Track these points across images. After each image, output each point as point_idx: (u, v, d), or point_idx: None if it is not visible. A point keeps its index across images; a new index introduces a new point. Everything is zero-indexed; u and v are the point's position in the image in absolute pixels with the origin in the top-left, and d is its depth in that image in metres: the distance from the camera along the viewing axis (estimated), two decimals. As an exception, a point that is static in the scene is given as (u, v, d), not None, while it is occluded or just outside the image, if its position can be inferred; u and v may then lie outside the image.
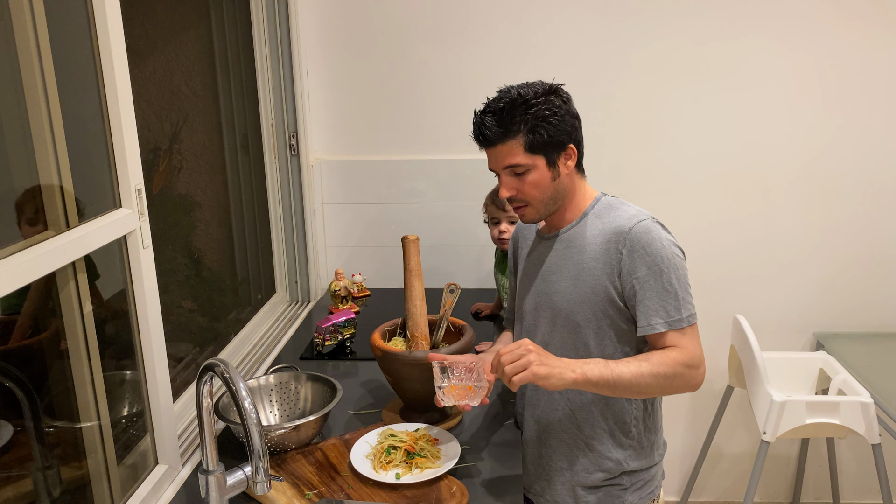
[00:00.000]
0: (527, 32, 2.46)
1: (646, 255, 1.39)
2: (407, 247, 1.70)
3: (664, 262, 1.38)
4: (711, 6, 2.41)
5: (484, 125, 1.42)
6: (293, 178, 2.48)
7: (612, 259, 1.42)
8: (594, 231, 1.46)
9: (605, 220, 1.46)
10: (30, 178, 1.21)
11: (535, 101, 1.39)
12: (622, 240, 1.41)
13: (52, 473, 1.28)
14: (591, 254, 1.45)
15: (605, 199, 1.52)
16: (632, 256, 1.40)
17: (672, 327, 1.39)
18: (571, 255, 1.48)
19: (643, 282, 1.39)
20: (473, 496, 1.41)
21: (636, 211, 1.46)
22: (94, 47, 1.28)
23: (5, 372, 1.20)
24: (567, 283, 1.48)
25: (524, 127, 1.39)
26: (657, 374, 1.37)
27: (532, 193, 1.44)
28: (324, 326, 2.07)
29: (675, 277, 1.39)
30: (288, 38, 2.34)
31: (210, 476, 1.22)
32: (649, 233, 1.40)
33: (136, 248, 1.38)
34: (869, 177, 2.53)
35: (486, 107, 1.44)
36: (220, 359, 1.19)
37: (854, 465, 2.82)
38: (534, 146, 1.40)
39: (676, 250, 1.42)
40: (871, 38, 2.41)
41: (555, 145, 1.41)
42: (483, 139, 1.44)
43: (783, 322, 2.68)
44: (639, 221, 1.41)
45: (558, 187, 1.46)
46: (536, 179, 1.43)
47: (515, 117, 1.39)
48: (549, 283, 1.52)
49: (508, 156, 1.42)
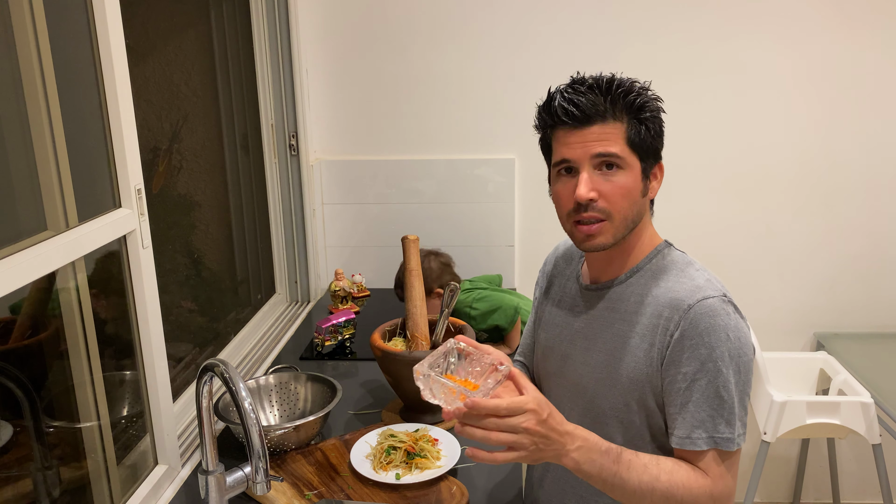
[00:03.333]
0: (527, 32, 2.46)
1: (701, 346, 1.07)
2: (407, 247, 1.70)
3: (724, 360, 1.07)
4: (711, 6, 2.41)
5: (579, 94, 1.11)
6: (293, 178, 2.48)
7: (659, 339, 1.11)
8: (646, 295, 1.15)
9: (663, 283, 1.14)
10: (30, 178, 1.21)
11: (643, 89, 1.13)
12: (676, 318, 1.09)
13: (51, 473, 1.28)
14: (636, 325, 1.14)
15: (670, 254, 1.19)
16: (682, 343, 1.08)
17: (718, 446, 1.07)
18: (612, 320, 1.18)
19: (691, 380, 1.08)
20: (473, 496, 1.40)
21: (705, 281, 1.12)
22: (94, 47, 1.28)
23: (5, 372, 1.20)
24: (599, 358, 1.18)
25: (629, 112, 1.11)
26: (671, 497, 1.06)
27: (619, 203, 1.11)
28: (324, 326, 2.07)
29: (735, 382, 1.08)
30: (288, 38, 2.34)
31: (210, 476, 1.21)
32: (714, 316, 1.07)
33: (136, 248, 1.37)
34: (869, 176, 2.53)
35: (577, 79, 1.15)
36: (220, 359, 1.19)
37: (854, 466, 2.82)
38: (635, 141, 1.11)
39: (745, 346, 1.09)
40: (871, 38, 2.41)
41: (653, 151, 1.14)
42: (574, 113, 1.10)
43: (783, 322, 2.68)
44: (704, 298, 1.09)
45: (641, 209, 1.15)
46: (630, 185, 1.11)
47: (622, 97, 1.11)
48: (579, 350, 1.22)
49: (606, 141, 1.10)
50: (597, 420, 1.18)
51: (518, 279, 2.65)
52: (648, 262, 1.18)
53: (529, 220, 2.60)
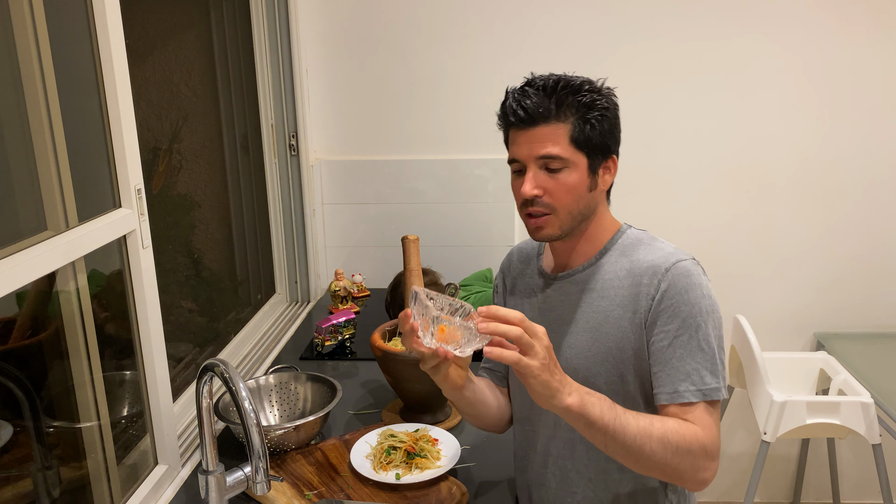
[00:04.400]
0: (527, 32, 2.46)
1: (682, 304, 1.13)
2: (407, 247, 1.70)
3: (703, 315, 1.13)
4: (711, 5, 2.41)
5: (526, 97, 1.16)
6: (293, 178, 2.48)
7: (642, 304, 1.16)
8: (619, 270, 1.20)
9: (634, 257, 1.20)
10: (30, 178, 1.21)
11: (592, 89, 1.17)
12: (656, 282, 1.15)
13: (51, 473, 1.28)
14: (615, 298, 1.19)
15: (632, 233, 1.25)
16: (663, 303, 1.14)
17: (706, 397, 1.11)
18: (590, 300, 1.21)
19: (674, 336, 1.13)
20: (473, 496, 1.40)
21: (674, 249, 1.20)
22: (94, 47, 1.28)
23: (5, 372, 1.20)
24: (584, 337, 1.21)
25: (575, 112, 1.15)
26: (668, 442, 1.06)
27: (563, 199, 1.17)
28: (324, 326, 2.07)
29: (715, 336, 1.14)
30: (288, 38, 2.34)
31: (210, 476, 1.21)
32: (689, 276, 1.14)
33: (136, 248, 1.37)
34: (869, 177, 2.53)
35: (529, 80, 1.20)
36: (220, 359, 1.19)
37: (854, 466, 2.82)
38: (580, 140, 1.16)
39: (717, 304, 1.17)
40: (871, 37, 2.41)
41: (601, 148, 1.18)
42: (521, 115, 1.16)
43: (783, 322, 2.68)
44: (678, 261, 1.16)
45: (590, 203, 1.20)
46: (573, 182, 1.16)
47: (568, 98, 1.15)
48: (559, 334, 1.23)
49: (549, 142, 1.15)
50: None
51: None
52: (615, 242, 1.24)
53: (529, 220, 2.60)
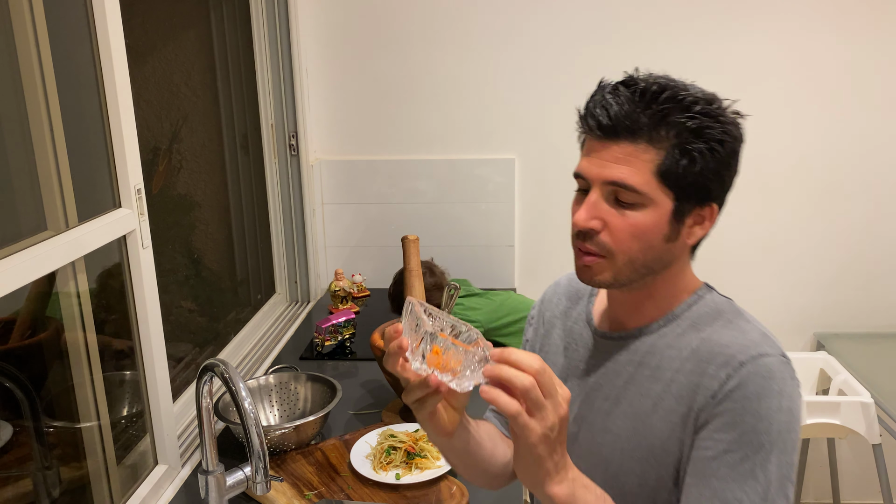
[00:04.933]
0: (527, 32, 2.46)
1: (748, 413, 0.85)
2: (407, 247, 1.70)
3: (771, 434, 0.85)
4: (711, 5, 2.41)
5: (616, 100, 0.89)
6: (293, 178, 2.48)
7: (700, 399, 0.89)
8: (684, 348, 0.93)
9: (707, 335, 0.93)
10: (30, 178, 1.21)
11: (707, 111, 0.89)
12: (724, 375, 0.88)
13: (51, 474, 1.28)
14: (672, 384, 0.92)
15: (712, 300, 0.98)
16: (726, 404, 0.86)
17: None
18: (641, 378, 0.96)
19: (725, 450, 0.86)
20: (473, 496, 1.40)
21: (760, 335, 0.91)
22: (94, 47, 1.28)
23: (5, 372, 1.20)
24: (625, 424, 0.95)
25: (675, 136, 0.88)
26: None
27: (626, 243, 0.90)
28: (324, 326, 2.07)
29: (778, 464, 0.85)
30: (288, 38, 2.34)
31: (210, 476, 1.21)
32: (769, 379, 0.86)
33: (136, 248, 1.37)
34: (870, 177, 2.53)
35: (627, 79, 0.93)
36: (220, 359, 1.19)
37: (854, 466, 2.82)
38: (670, 174, 0.88)
39: (797, 422, 0.87)
40: (872, 37, 2.40)
41: (698, 191, 0.90)
42: (602, 121, 0.89)
43: (783, 322, 2.68)
44: (762, 355, 0.88)
45: (664, 255, 0.93)
46: (645, 225, 0.89)
47: (670, 115, 0.87)
48: (597, 412, 0.99)
49: (625, 165, 0.88)
50: (622, 498, 0.93)
51: (518, 279, 2.64)
52: (687, 308, 0.97)
53: (529, 220, 2.60)
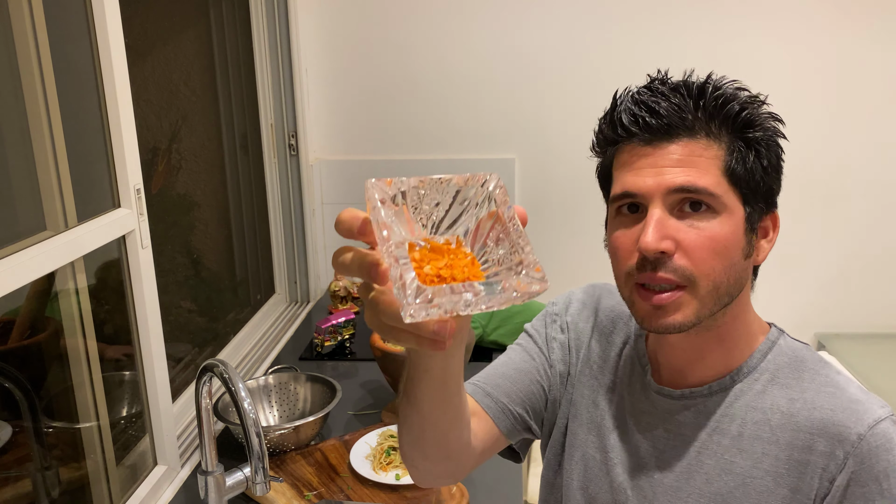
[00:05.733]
0: (527, 32, 2.46)
1: (879, 496, 0.72)
2: (407, 247, 1.69)
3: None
4: (712, 4, 2.41)
5: (657, 98, 0.77)
6: (292, 178, 2.47)
7: (812, 482, 0.75)
8: (772, 410, 0.78)
9: (795, 392, 0.79)
10: (29, 178, 1.21)
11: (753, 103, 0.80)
12: (841, 454, 0.74)
13: (51, 474, 1.28)
14: (764, 458, 0.77)
15: (788, 345, 0.84)
16: (855, 489, 0.73)
17: None
18: (719, 448, 0.80)
19: None
20: (473, 496, 1.40)
21: (859, 390, 0.78)
22: (94, 47, 1.28)
23: (5, 372, 1.20)
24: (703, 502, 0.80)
25: (734, 130, 0.77)
26: None
27: (708, 262, 0.74)
28: (323, 327, 2.07)
29: None
30: (288, 38, 2.34)
31: (209, 477, 1.21)
32: (892, 451, 0.73)
33: (135, 248, 1.37)
34: (870, 176, 2.53)
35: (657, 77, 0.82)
36: (220, 359, 1.19)
37: (854, 466, 2.82)
38: (738, 173, 0.76)
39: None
40: (872, 35, 2.40)
41: (766, 193, 0.79)
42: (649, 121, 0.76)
43: (784, 322, 2.63)
44: (876, 422, 0.74)
45: (741, 277, 0.78)
46: (725, 238, 0.75)
47: (724, 108, 0.76)
48: (663, 488, 0.82)
49: (690, 167, 0.74)
50: None
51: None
52: (762, 358, 0.81)
53: (529, 220, 2.59)
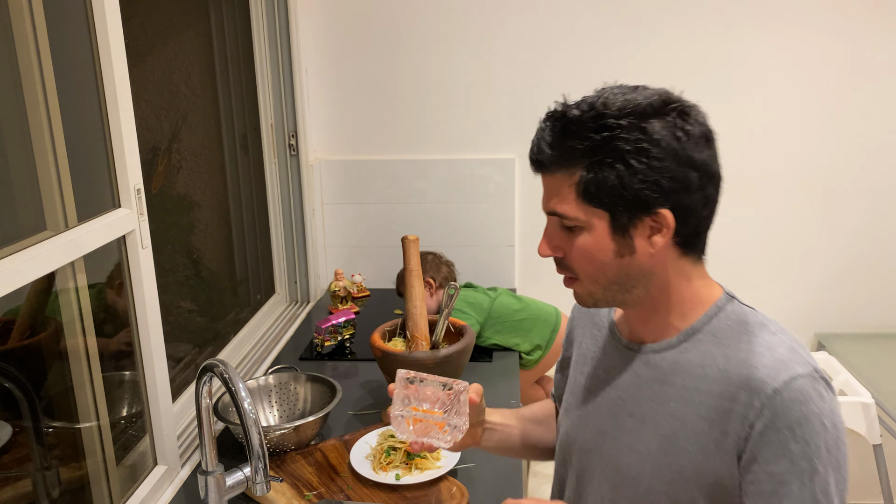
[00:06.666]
0: (527, 32, 2.46)
1: (792, 440, 0.85)
2: (407, 247, 1.70)
3: (821, 456, 0.84)
4: (712, 5, 2.41)
5: (539, 138, 0.92)
6: (293, 177, 2.47)
7: (735, 428, 0.88)
8: (710, 367, 0.92)
9: (732, 352, 0.91)
10: (29, 178, 1.21)
11: (616, 122, 0.86)
12: (757, 404, 0.86)
13: (51, 474, 1.28)
14: (701, 406, 0.91)
15: (734, 311, 0.95)
16: (768, 436, 0.86)
17: None
18: (666, 397, 0.95)
19: (779, 482, 0.85)
20: (473, 496, 1.40)
21: (788, 352, 0.90)
22: (94, 47, 1.28)
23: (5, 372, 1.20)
24: (653, 445, 0.95)
25: (584, 159, 0.88)
26: None
27: (581, 265, 0.93)
28: (323, 327, 2.07)
29: (835, 482, 0.85)
30: (288, 38, 2.34)
31: (209, 477, 1.21)
32: (806, 403, 0.85)
33: (136, 248, 1.37)
34: (870, 176, 2.53)
35: (554, 110, 0.92)
36: (220, 359, 1.19)
37: (855, 466, 2.80)
38: (591, 193, 0.89)
39: (843, 434, 0.87)
40: (872, 36, 2.40)
41: (629, 202, 0.88)
42: (531, 157, 0.94)
43: (784, 322, 2.61)
44: (792, 378, 0.86)
45: (629, 269, 0.92)
46: (588, 246, 0.91)
47: (576, 138, 0.88)
48: (621, 427, 0.98)
49: (555, 196, 0.92)
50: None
51: (518, 279, 2.64)
52: (707, 322, 0.94)
53: (529, 220, 2.60)
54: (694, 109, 0.93)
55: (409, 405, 0.97)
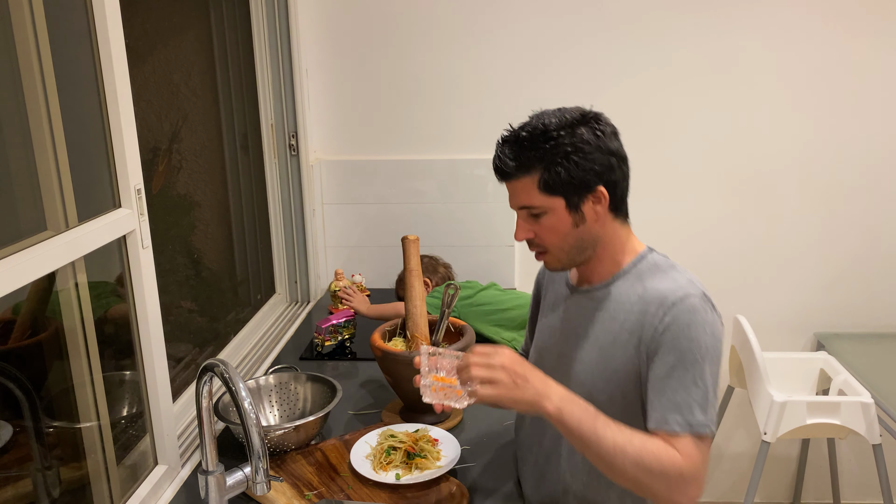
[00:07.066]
0: (527, 32, 2.46)
1: (683, 339, 1.16)
2: (407, 247, 1.70)
3: (702, 352, 1.16)
4: (713, 6, 2.41)
5: (501, 156, 1.26)
6: (293, 178, 2.48)
7: (647, 332, 1.20)
8: (632, 295, 1.25)
9: (648, 283, 1.24)
10: (29, 178, 1.21)
11: (557, 134, 1.20)
12: (661, 313, 1.19)
13: (51, 474, 1.28)
14: (625, 322, 1.24)
15: (652, 258, 1.29)
16: (666, 335, 1.18)
17: (693, 430, 1.14)
18: (602, 318, 1.28)
19: (670, 367, 1.17)
20: (473, 496, 1.40)
21: (687, 281, 1.22)
22: (94, 47, 1.28)
23: (5, 372, 1.20)
24: (592, 353, 1.28)
25: (540, 163, 1.21)
26: (641, 463, 1.12)
27: (549, 239, 1.27)
28: (323, 327, 2.07)
29: (710, 373, 1.17)
30: (288, 38, 2.34)
31: (210, 476, 1.21)
32: (694, 313, 1.17)
33: (136, 249, 1.37)
34: (870, 177, 2.53)
35: (507, 135, 1.28)
36: (220, 359, 1.19)
37: (855, 466, 2.82)
38: (550, 185, 1.22)
39: (720, 342, 1.20)
40: (872, 37, 2.41)
41: (577, 186, 1.21)
42: (498, 171, 1.29)
43: (784, 322, 2.68)
44: (687, 296, 1.19)
45: (583, 235, 1.26)
46: (554, 224, 1.24)
47: (531, 150, 1.22)
48: (572, 346, 1.32)
49: (522, 193, 1.25)
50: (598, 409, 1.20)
51: (518, 279, 2.64)
52: (633, 266, 1.29)
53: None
54: (602, 116, 1.25)
55: (431, 374, 1.23)
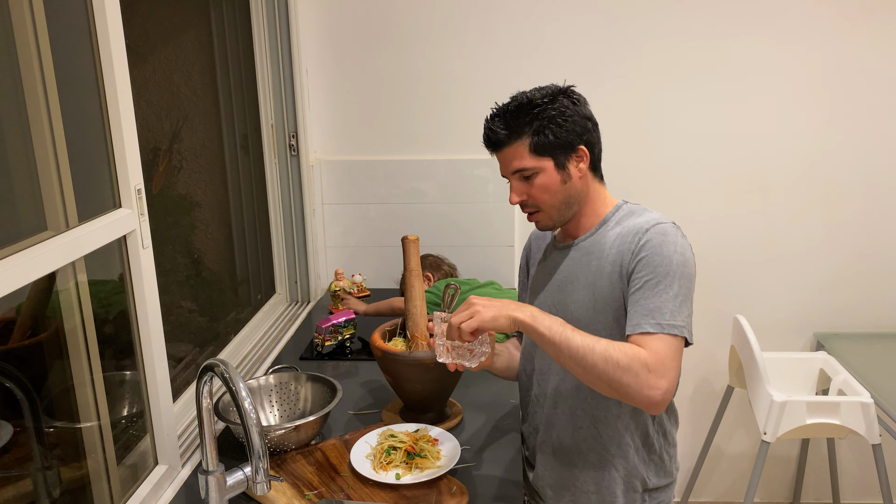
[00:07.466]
0: (526, 33, 2.46)
1: (655, 256, 1.32)
2: (407, 247, 1.70)
3: (672, 266, 1.30)
4: (713, 6, 2.41)
5: (491, 128, 1.41)
6: (293, 178, 2.48)
7: (626, 258, 1.36)
8: (613, 235, 1.41)
9: (625, 224, 1.41)
10: (30, 178, 1.21)
11: (542, 102, 1.37)
12: (636, 240, 1.35)
13: (51, 474, 1.28)
14: (608, 257, 1.39)
15: (627, 207, 1.47)
16: (640, 256, 1.33)
17: (663, 330, 1.27)
18: (589, 262, 1.43)
19: (644, 281, 1.31)
20: (473, 496, 1.40)
21: (658, 215, 1.40)
22: (94, 47, 1.28)
23: (5, 372, 1.20)
24: (584, 292, 1.42)
25: (529, 128, 1.38)
26: (609, 358, 1.23)
27: (542, 198, 1.41)
28: (323, 327, 2.07)
29: (679, 286, 1.30)
30: (288, 38, 2.34)
31: (210, 476, 1.22)
32: (665, 235, 1.33)
33: (136, 249, 1.37)
34: (870, 177, 2.53)
35: (494, 111, 1.43)
36: (220, 359, 1.19)
37: (854, 466, 2.82)
38: (539, 147, 1.38)
39: (690, 261, 1.34)
40: (872, 37, 2.41)
41: (563, 146, 1.39)
42: (490, 143, 1.43)
43: (783, 322, 2.68)
44: (657, 223, 1.36)
45: (570, 191, 1.42)
46: (545, 183, 1.40)
47: (520, 118, 1.38)
48: (566, 292, 1.46)
49: (515, 159, 1.40)
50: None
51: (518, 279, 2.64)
52: (612, 215, 1.45)
53: (529, 220, 2.60)
54: (575, 89, 1.42)
55: (443, 336, 1.33)
